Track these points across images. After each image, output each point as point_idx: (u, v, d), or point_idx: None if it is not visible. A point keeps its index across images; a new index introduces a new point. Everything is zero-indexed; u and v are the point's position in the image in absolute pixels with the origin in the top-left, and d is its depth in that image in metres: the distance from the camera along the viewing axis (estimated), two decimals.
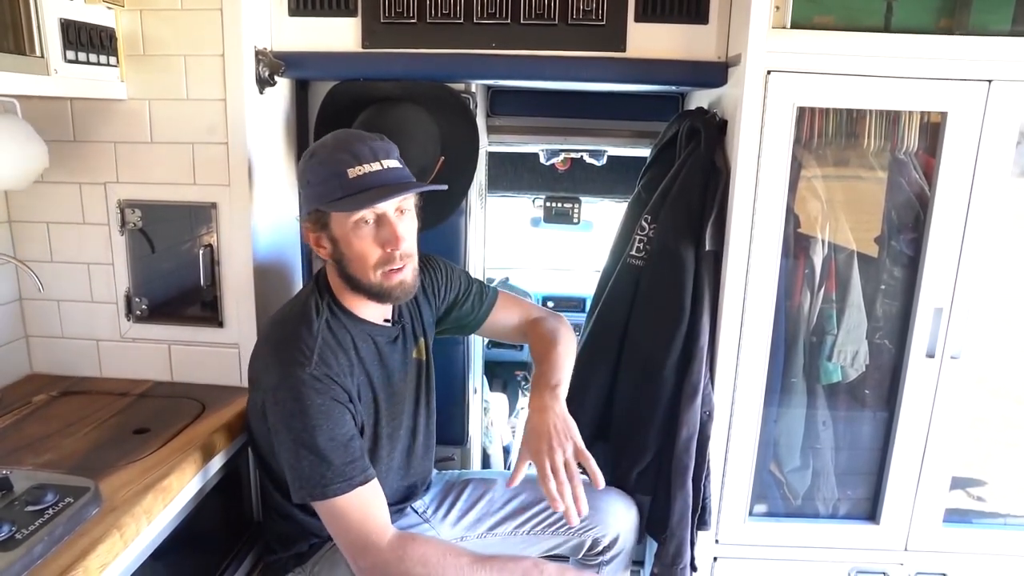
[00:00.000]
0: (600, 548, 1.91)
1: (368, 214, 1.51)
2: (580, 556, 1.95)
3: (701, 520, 1.95)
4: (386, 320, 1.71)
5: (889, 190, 1.92)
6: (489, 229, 2.85)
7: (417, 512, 1.89)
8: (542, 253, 4.94)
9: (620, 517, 1.92)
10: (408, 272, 1.58)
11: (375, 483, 1.53)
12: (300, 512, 1.69)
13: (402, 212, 1.56)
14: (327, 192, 1.50)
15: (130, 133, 1.89)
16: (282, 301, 2.09)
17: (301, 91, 2.19)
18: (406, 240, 1.55)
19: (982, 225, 1.79)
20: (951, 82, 1.72)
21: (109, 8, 1.76)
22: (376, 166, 1.52)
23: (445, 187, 1.67)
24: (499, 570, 1.50)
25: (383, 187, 1.51)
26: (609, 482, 2.04)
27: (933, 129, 1.81)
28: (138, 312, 1.99)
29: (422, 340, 1.83)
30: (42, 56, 1.54)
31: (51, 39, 1.56)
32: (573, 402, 2.06)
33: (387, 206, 1.52)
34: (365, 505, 1.49)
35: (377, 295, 1.59)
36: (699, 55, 1.95)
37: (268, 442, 1.60)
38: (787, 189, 1.80)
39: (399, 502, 1.81)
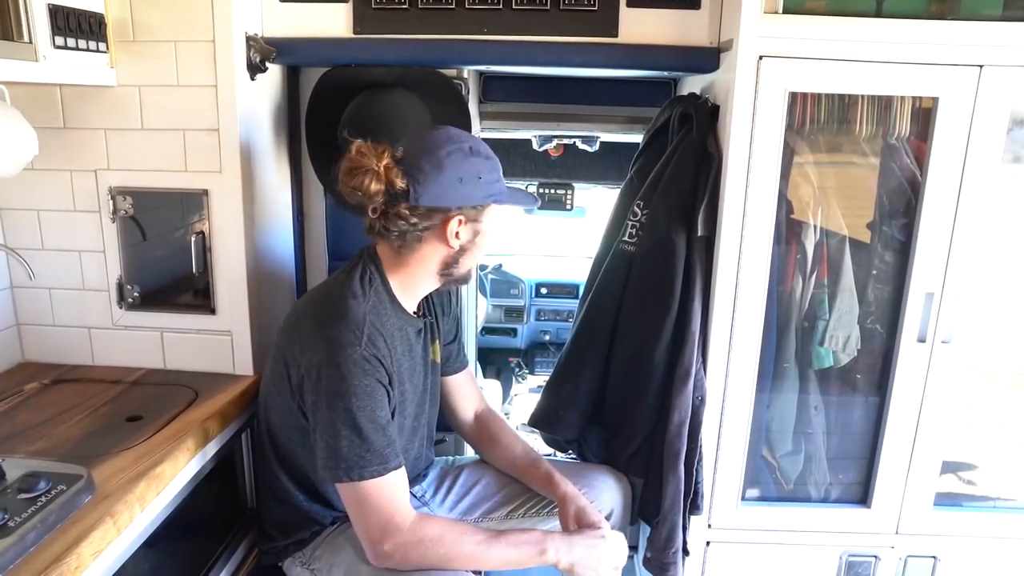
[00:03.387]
0: None
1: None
2: None
3: (694, 504, 1.96)
4: (415, 312, 1.73)
5: (881, 176, 1.92)
6: None
7: (416, 496, 1.90)
8: (535, 240, 4.94)
9: (613, 492, 1.95)
10: None
11: (404, 469, 1.55)
12: (304, 498, 1.71)
13: None
14: (500, 190, 1.63)
15: (120, 120, 1.87)
16: (276, 287, 2.10)
17: (292, 77, 2.18)
18: None
19: (973, 211, 1.80)
20: (942, 67, 1.72)
21: None
22: None
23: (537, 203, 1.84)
24: (512, 544, 1.57)
25: (519, 190, 1.80)
26: (602, 462, 2.06)
27: (924, 115, 1.81)
28: (130, 300, 1.99)
29: (438, 343, 1.86)
30: (30, 42, 1.53)
31: (39, 24, 1.54)
32: (566, 387, 2.08)
33: None
34: (393, 489, 1.51)
35: (461, 280, 1.72)
36: (691, 40, 1.94)
37: (289, 419, 1.63)
38: (779, 175, 1.79)
39: None
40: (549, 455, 2.23)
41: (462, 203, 1.57)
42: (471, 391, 2.03)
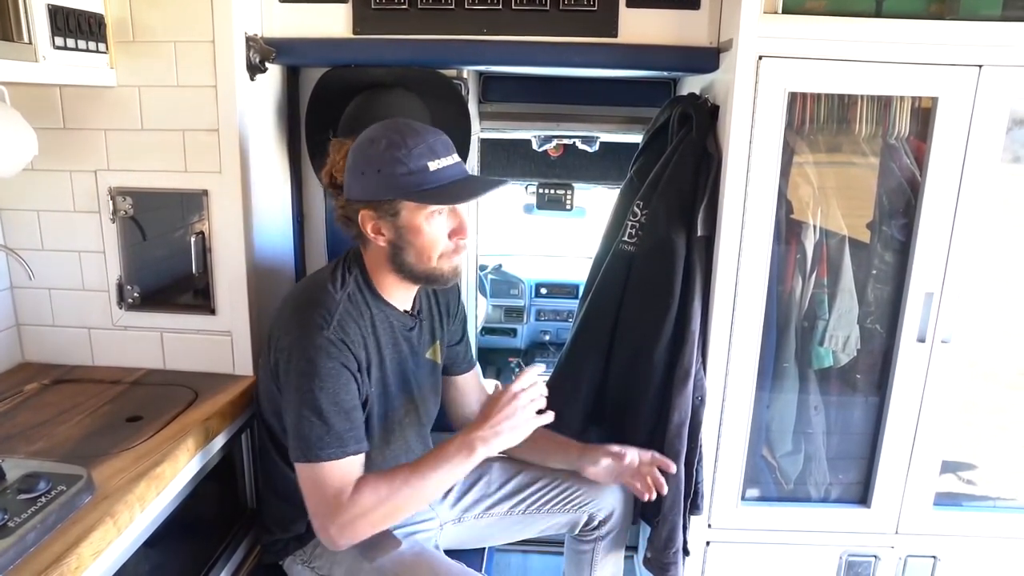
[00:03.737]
0: (596, 523, 1.95)
1: (445, 206, 1.57)
2: (576, 532, 1.98)
3: (694, 504, 1.96)
4: (407, 311, 1.73)
5: (881, 176, 1.92)
6: (482, 216, 2.85)
7: None
8: (535, 240, 4.93)
9: (614, 493, 1.95)
10: (460, 259, 1.65)
11: (363, 457, 1.55)
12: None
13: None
14: (411, 183, 1.50)
15: (120, 120, 1.87)
16: (275, 287, 2.10)
17: (292, 77, 2.19)
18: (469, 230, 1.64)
19: (972, 210, 1.80)
20: (942, 67, 1.72)
21: None
22: (449, 160, 1.56)
23: (508, 181, 1.74)
24: (442, 460, 1.53)
25: (464, 182, 1.57)
26: None
27: (924, 114, 1.81)
28: (130, 300, 1.99)
29: (438, 343, 1.86)
30: (30, 42, 1.53)
31: (39, 25, 1.55)
32: (567, 386, 2.08)
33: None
34: (347, 474, 1.51)
35: (428, 279, 1.64)
36: (691, 40, 1.94)
37: (277, 403, 1.63)
38: (779, 174, 1.79)
39: None
40: None
41: (361, 198, 1.54)
42: (477, 391, 2.03)
